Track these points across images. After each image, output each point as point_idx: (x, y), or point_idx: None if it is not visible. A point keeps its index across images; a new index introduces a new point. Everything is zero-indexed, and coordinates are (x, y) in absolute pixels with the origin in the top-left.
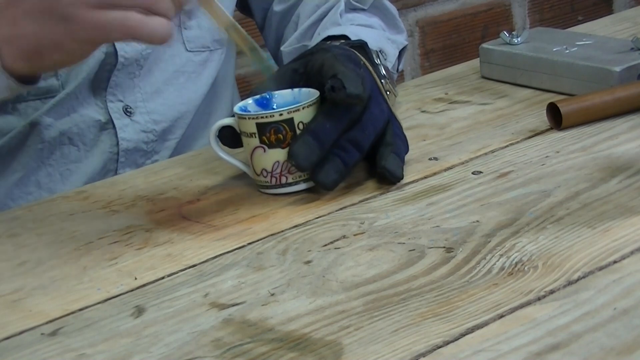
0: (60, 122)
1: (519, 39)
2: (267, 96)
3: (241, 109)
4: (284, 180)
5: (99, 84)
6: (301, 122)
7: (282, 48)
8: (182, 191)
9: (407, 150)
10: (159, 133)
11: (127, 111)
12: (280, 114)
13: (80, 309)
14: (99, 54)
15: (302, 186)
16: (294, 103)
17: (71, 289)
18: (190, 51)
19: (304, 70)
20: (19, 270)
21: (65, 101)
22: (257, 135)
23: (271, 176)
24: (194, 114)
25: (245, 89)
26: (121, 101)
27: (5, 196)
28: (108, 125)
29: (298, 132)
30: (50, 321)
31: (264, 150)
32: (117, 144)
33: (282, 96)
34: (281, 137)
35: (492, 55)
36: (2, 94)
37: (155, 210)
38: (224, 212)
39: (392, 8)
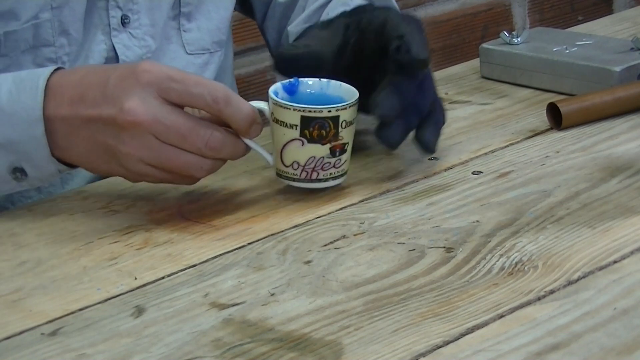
0: None
1: (519, 39)
2: (294, 82)
3: (275, 94)
4: (315, 176)
5: None
6: (345, 120)
7: (289, 28)
8: (182, 191)
9: (444, 121)
10: None
11: None
12: (329, 111)
13: (80, 309)
14: (99, 59)
15: (330, 183)
16: (322, 95)
17: (71, 289)
18: (190, 54)
19: (356, 26)
20: (19, 270)
21: None
22: (298, 127)
23: (302, 170)
24: None
25: (245, 89)
26: None
27: (5, 200)
28: None
29: (341, 130)
30: (50, 321)
31: (302, 144)
32: None
33: (310, 85)
34: (324, 133)
35: (492, 55)
36: (52, 177)
37: (155, 210)
38: (224, 212)
39: None
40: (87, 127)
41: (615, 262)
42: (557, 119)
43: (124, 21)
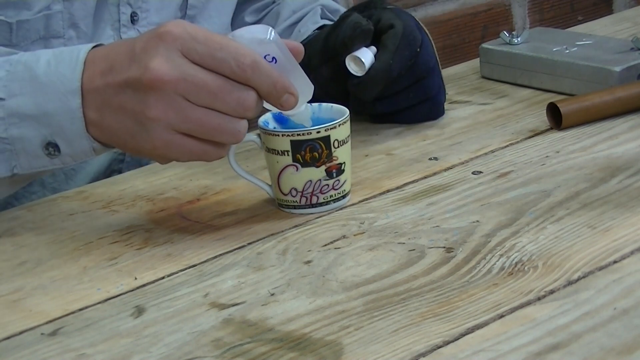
0: None
1: (519, 39)
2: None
3: (265, 124)
4: (315, 200)
5: None
6: (336, 139)
7: None
8: (182, 191)
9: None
10: None
11: None
12: (318, 132)
13: (80, 309)
14: None
15: (332, 206)
16: (314, 119)
17: (71, 289)
18: None
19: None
20: (19, 270)
21: None
22: (290, 153)
23: (301, 196)
24: None
25: None
26: None
27: (9, 195)
28: None
29: (334, 150)
30: (50, 321)
31: (297, 169)
32: None
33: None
34: (317, 155)
35: (492, 55)
36: (86, 155)
37: (155, 210)
38: (224, 212)
39: None
40: (117, 95)
41: (615, 262)
42: (557, 119)
43: (134, 18)
